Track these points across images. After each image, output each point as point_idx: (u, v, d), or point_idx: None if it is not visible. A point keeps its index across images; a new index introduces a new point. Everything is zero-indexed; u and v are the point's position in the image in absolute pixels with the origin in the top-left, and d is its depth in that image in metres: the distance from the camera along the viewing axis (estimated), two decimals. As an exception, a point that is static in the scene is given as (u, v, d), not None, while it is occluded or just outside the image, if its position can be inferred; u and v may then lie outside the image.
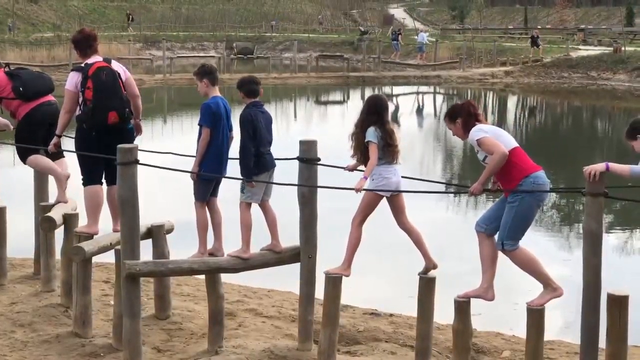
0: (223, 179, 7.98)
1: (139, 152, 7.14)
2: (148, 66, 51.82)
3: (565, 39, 60.28)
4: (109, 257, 8.73)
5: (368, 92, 43.11)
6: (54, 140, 8.59)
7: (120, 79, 8.26)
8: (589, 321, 6.42)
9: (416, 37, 58.35)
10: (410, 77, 48.63)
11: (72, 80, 8.21)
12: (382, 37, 63.83)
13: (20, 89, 8.94)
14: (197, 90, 8.09)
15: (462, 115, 7.23)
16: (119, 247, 7.46)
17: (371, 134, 7.40)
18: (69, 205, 9.04)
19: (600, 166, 6.34)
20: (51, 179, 9.35)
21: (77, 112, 8.21)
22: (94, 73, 8.11)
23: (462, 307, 7.11)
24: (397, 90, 45.40)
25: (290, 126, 30.00)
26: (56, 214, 8.79)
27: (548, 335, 7.59)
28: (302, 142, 7.68)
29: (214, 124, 7.78)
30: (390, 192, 7.45)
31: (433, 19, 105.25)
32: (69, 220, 8.79)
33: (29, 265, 10.50)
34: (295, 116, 34.76)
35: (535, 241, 13.47)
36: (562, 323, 9.68)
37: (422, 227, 7.76)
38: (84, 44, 8.37)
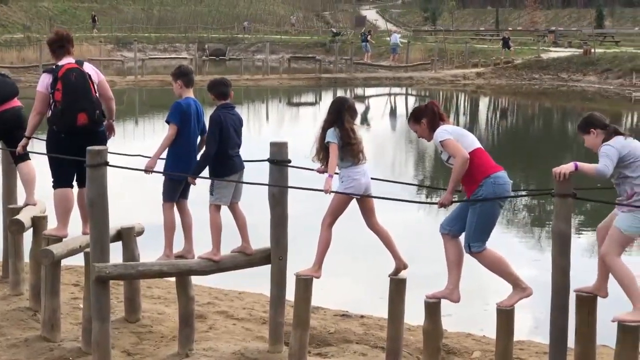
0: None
1: (108, 154, 7.11)
2: (119, 67, 51.63)
3: (536, 41, 60.62)
4: (79, 260, 8.67)
5: (340, 94, 43.14)
6: (23, 141, 8.50)
7: (92, 80, 8.19)
8: (557, 321, 6.44)
9: (388, 38, 58.48)
10: (383, 79, 48.73)
11: (43, 81, 8.17)
12: (354, 39, 63.92)
13: None
14: (173, 90, 8.07)
15: (427, 116, 7.26)
16: (88, 249, 7.40)
17: (330, 134, 7.41)
18: (37, 208, 8.98)
19: (569, 166, 6.36)
20: (19, 181, 9.28)
21: (48, 114, 8.16)
22: (64, 74, 8.06)
23: (432, 308, 7.13)
24: (369, 91, 45.50)
25: (262, 128, 29.97)
26: (25, 216, 8.73)
27: (518, 336, 7.64)
28: (272, 144, 7.67)
29: (182, 123, 7.76)
30: (360, 195, 7.45)
31: (405, 21, 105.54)
32: (38, 222, 8.73)
33: (-3, 268, 10.40)
34: (267, 118, 34.73)
35: (506, 242, 13.55)
36: (532, 323, 9.73)
37: (392, 228, 7.77)
38: (57, 45, 8.32)
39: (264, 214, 7.70)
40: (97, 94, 8.20)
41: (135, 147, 8.91)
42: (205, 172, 7.67)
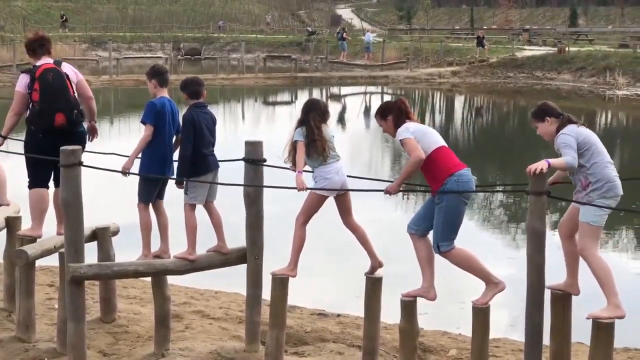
0: (169, 181, 7.93)
1: (83, 153, 7.08)
2: (94, 67, 51.40)
3: (511, 40, 60.95)
4: (54, 260, 8.62)
5: (316, 93, 43.16)
6: None
7: (70, 80, 8.15)
8: (533, 319, 6.47)
9: (363, 37, 58.55)
10: (358, 78, 48.78)
11: (21, 81, 8.14)
12: (329, 38, 63.94)
13: None
14: (148, 90, 8.04)
15: (393, 113, 7.29)
16: (63, 250, 7.35)
17: (297, 133, 7.46)
18: (11, 208, 8.91)
19: (542, 164, 6.38)
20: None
21: (27, 114, 8.12)
22: (41, 74, 8.02)
23: (408, 306, 7.14)
24: (345, 90, 45.52)
25: (237, 127, 29.92)
26: (-2, 216, 8.67)
27: (494, 333, 7.66)
28: (247, 143, 7.66)
29: (156, 122, 7.74)
30: (336, 192, 7.46)
31: (380, 20, 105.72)
32: (12, 223, 8.65)
33: (-29, 269, 10.32)
34: (243, 117, 34.67)
35: (481, 240, 13.61)
36: (508, 321, 9.78)
37: (369, 227, 7.78)
38: (38, 44, 8.28)
39: (240, 213, 7.69)
40: (75, 94, 8.16)
41: (111, 146, 8.87)
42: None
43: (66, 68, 8.24)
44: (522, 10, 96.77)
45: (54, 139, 7.91)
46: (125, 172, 7.71)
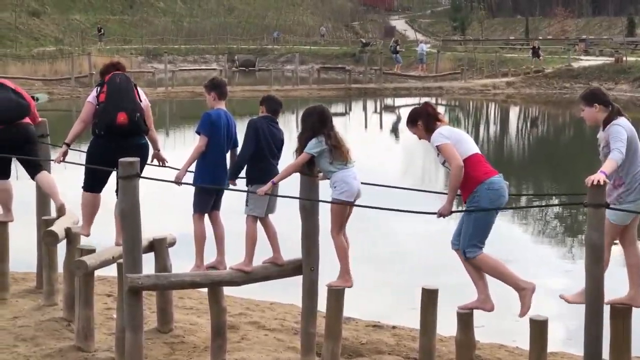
0: (225, 191, 7.99)
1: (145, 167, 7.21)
2: (150, 79, 51.92)
3: (567, 50, 60.28)
4: (112, 271, 8.73)
5: (370, 104, 43.19)
6: (63, 148, 8.71)
7: (137, 89, 8.61)
8: (592, 333, 6.39)
9: (417, 48, 58.41)
10: (412, 89, 48.59)
11: (92, 94, 8.59)
12: (383, 49, 63.89)
13: None
14: (205, 102, 8.15)
15: (422, 118, 7.28)
16: (121, 260, 7.45)
17: (312, 145, 7.45)
18: (69, 219, 9.05)
19: (598, 176, 6.30)
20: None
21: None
22: (110, 78, 8.51)
23: (464, 319, 7.10)
24: (399, 101, 45.42)
25: (292, 139, 30.02)
26: (58, 228, 8.81)
27: (551, 347, 7.57)
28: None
29: (211, 133, 7.82)
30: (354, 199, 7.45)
31: (434, 30, 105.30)
32: (71, 234, 8.80)
33: (32, 279, 10.50)
34: (297, 128, 34.74)
35: (537, 252, 13.48)
36: (565, 335, 9.66)
37: (422, 239, 7.75)
38: (110, 69, 8.70)
39: (296, 224, 7.72)
40: (140, 101, 8.53)
41: (167, 158, 8.96)
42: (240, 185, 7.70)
43: (139, 91, 8.66)
44: (578, 20, 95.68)
45: (115, 144, 8.20)
46: (178, 182, 7.81)
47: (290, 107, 42.05)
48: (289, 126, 34.57)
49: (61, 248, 9.05)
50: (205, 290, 8.34)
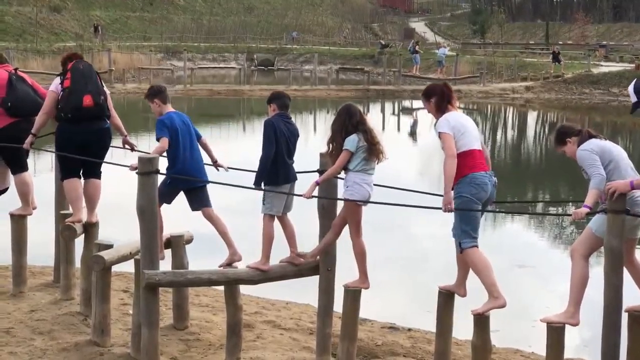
0: (222, 189, 8.04)
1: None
2: (169, 77, 52.09)
3: (587, 55, 60.09)
4: (127, 266, 8.77)
5: (388, 106, 43.14)
6: (29, 138, 9.06)
7: (99, 76, 8.99)
8: (610, 340, 6.36)
9: (436, 51, 58.32)
10: (431, 91, 48.39)
11: (55, 82, 8.88)
12: (402, 51, 63.83)
13: (8, 103, 9.36)
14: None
15: (436, 95, 7.36)
16: (138, 256, 7.48)
17: (349, 142, 7.43)
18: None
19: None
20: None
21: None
22: (73, 65, 8.82)
23: (481, 323, 7.08)
24: (417, 104, 45.32)
25: (309, 139, 30.02)
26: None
27: (567, 354, 7.54)
28: (322, 155, 7.69)
29: (169, 136, 8.00)
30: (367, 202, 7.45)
31: (454, 33, 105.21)
32: (90, 229, 8.85)
33: (49, 273, 10.55)
34: (314, 129, 34.78)
35: (553, 259, 13.43)
36: (581, 342, 9.61)
37: (439, 241, 7.75)
38: (69, 58, 9.02)
39: (314, 224, 7.72)
40: (103, 87, 8.89)
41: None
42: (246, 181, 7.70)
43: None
44: (598, 25, 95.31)
45: (82, 129, 8.61)
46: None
47: (308, 107, 42.10)
48: (307, 127, 34.63)
49: (79, 243, 9.10)
50: (221, 288, 8.37)
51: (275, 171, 7.57)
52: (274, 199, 7.61)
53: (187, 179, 8.05)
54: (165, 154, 8.07)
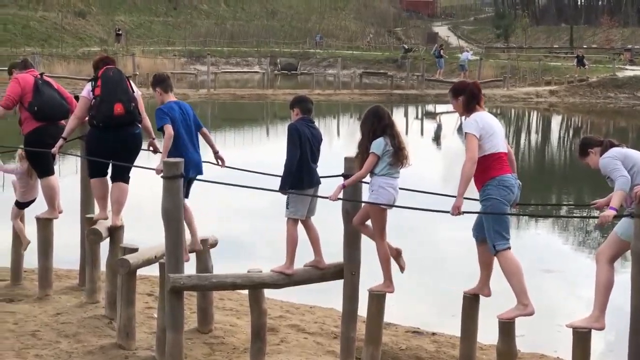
0: (245, 193, 8.10)
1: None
2: (192, 81, 52.18)
3: (612, 59, 59.71)
4: (151, 270, 8.80)
5: (411, 110, 43.07)
6: (59, 142, 9.20)
7: (130, 83, 9.07)
8: (636, 344, 6.32)
9: (460, 55, 58.16)
10: (454, 95, 48.28)
11: (86, 87, 9.05)
12: (425, 55, 63.71)
13: (35, 107, 9.46)
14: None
15: (465, 94, 7.36)
16: (163, 260, 7.50)
17: (376, 145, 7.43)
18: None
19: (609, 213, 6.39)
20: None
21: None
22: (103, 72, 8.94)
23: (506, 327, 7.05)
24: (440, 108, 45.26)
25: (333, 143, 30.02)
26: (102, 226, 8.90)
27: (593, 358, 7.50)
28: (347, 159, 7.69)
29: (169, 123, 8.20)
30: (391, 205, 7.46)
31: (477, 37, 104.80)
32: (115, 232, 8.89)
33: (74, 276, 10.61)
34: (338, 133, 34.78)
35: (579, 263, 13.36)
36: (606, 346, 9.55)
37: (463, 245, 7.72)
38: (100, 63, 9.16)
39: (338, 228, 7.72)
40: (133, 93, 8.97)
41: (208, 159, 9.00)
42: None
43: (131, 82, 9.15)
44: (623, 29, 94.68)
45: (113, 134, 8.76)
46: (159, 171, 7.97)
47: (331, 111, 42.08)
48: (330, 131, 34.63)
49: (104, 246, 9.15)
50: (245, 291, 8.38)
51: (299, 175, 7.55)
52: (298, 203, 7.61)
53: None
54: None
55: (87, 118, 9.03)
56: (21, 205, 10.02)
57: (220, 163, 8.82)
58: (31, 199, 10.01)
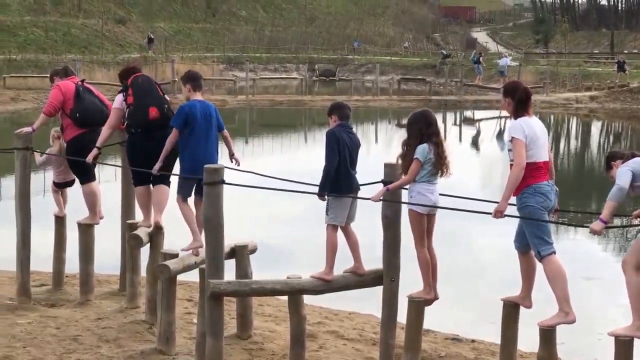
0: (261, 192, 8.17)
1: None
2: (231, 87, 52.42)
3: (653, 64, 59.15)
4: (191, 276, 8.85)
5: (450, 116, 42.93)
6: (94, 151, 9.35)
7: (159, 86, 9.34)
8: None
9: (499, 61, 57.90)
10: (493, 101, 47.98)
11: (118, 99, 9.20)
12: (464, 61, 63.49)
13: (77, 114, 9.65)
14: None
15: (516, 96, 7.29)
16: (203, 266, 7.54)
17: (420, 151, 7.39)
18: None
19: (598, 226, 6.39)
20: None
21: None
22: (133, 81, 9.12)
23: (547, 335, 7.00)
24: (479, 114, 45.09)
25: (371, 149, 30.00)
26: (142, 232, 8.97)
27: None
28: (386, 165, 7.66)
29: (185, 125, 8.38)
30: (428, 210, 7.44)
31: (516, 43, 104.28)
32: (155, 238, 8.95)
33: (115, 281, 10.71)
34: (376, 139, 34.76)
35: (617, 271, 13.22)
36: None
37: (502, 251, 7.68)
38: (128, 73, 9.33)
39: (377, 234, 7.70)
40: (163, 95, 9.18)
41: (247, 165, 9.03)
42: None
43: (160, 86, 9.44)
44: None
45: (151, 137, 8.87)
46: (156, 172, 8.56)
47: (369, 117, 42.07)
48: (368, 137, 34.62)
49: (144, 251, 9.21)
50: (285, 297, 8.39)
51: (338, 181, 7.55)
52: (338, 210, 7.60)
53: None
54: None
55: (124, 126, 9.17)
56: (57, 185, 10.28)
57: (234, 163, 8.85)
58: (69, 179, 10.18)
